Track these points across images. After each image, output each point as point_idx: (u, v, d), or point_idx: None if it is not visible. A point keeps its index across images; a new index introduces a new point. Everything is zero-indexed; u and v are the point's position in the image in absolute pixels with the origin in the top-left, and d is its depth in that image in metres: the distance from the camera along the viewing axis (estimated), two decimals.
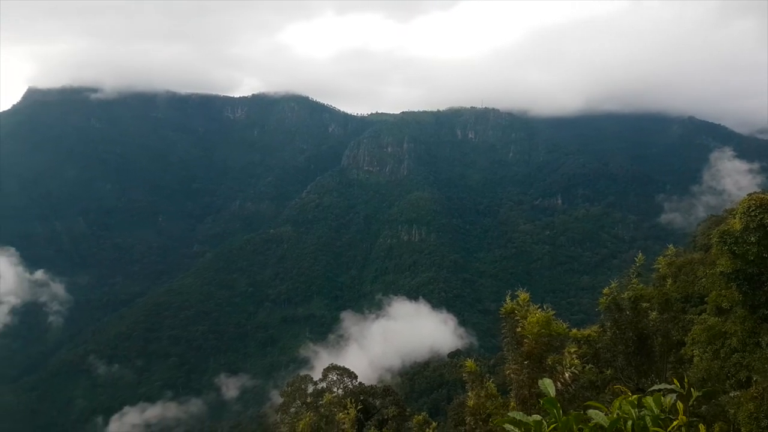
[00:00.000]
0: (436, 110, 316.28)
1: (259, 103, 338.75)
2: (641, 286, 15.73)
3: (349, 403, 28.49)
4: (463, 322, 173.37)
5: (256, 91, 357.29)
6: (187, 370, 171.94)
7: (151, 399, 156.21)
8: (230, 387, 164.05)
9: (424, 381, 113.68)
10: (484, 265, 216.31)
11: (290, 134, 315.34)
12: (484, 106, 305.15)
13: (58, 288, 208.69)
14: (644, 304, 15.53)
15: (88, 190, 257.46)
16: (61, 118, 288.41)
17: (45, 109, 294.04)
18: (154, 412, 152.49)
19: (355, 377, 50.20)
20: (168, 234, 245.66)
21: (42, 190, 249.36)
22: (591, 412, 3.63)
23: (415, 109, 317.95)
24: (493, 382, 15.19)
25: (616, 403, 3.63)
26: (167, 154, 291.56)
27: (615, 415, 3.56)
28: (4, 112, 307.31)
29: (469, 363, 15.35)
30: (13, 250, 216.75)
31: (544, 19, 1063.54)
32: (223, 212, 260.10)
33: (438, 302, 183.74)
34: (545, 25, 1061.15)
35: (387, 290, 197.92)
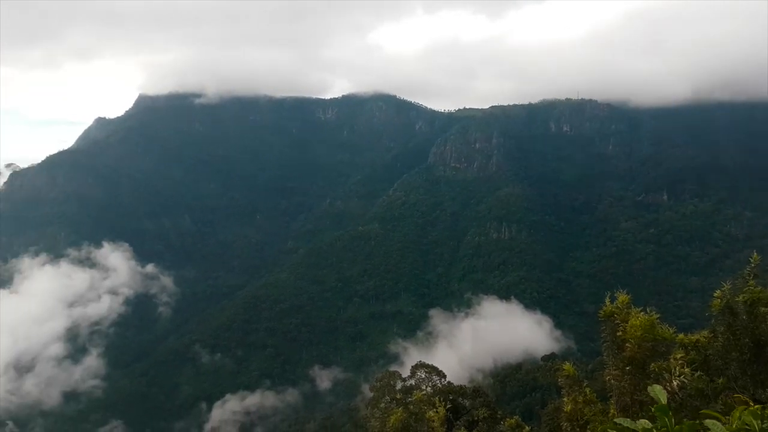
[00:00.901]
0: (527, 103, 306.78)
1: (349, 103, 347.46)
2: (759, 288, 14.05)
3: (438, 402, 27.99)
4: (558, 324, 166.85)
5: (346, 92, 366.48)
6: (282, 361, 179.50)
7: (250, 387, 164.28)
8: (323, 379, 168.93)
9: (516, 384, 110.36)
10: (581, 265, 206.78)
11: (378, 133, 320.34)
12: (580, 98, 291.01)
13: (167, 281, 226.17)
14: (762, 309, 13.90)
15: (193, 189, 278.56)
16: (168, 122, 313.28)
17: (154, 114, 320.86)
18: (253, 400, 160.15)
19: (444, 376, 49.57)
20: (265, 231, 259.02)
21: (152, 189, 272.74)
22: (708, 422, 3.36)
23: (505, 103, 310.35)
24: (590, 387, 14.29)
25: (736, 414, 3.37)
26: (264, 155, 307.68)
27: (735, 426, 3.29)
28: (117, 117, 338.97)
29: (567, 366, 14.60)
30: (126, 245, 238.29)
31: (644, 1, 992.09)
32: (315, 210, 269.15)
33: (531, 303, 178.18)
34: (646, 6, 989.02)
35: (476, 289, 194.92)
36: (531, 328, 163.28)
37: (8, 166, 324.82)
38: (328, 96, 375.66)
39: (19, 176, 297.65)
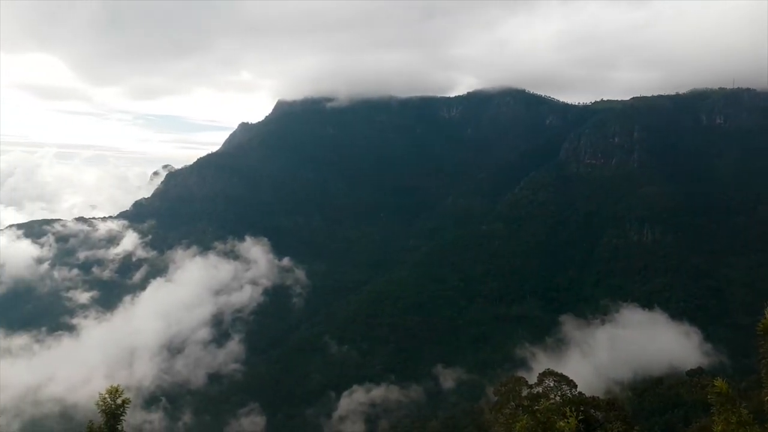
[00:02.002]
0: (674, 93, 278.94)
1: (474, 100, 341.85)
2: None
3: (569, 412, 24.92)
4: (708, 337, 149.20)
5: (471, 90, 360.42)
6: (404, 357, 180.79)
7: (375, 380, 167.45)
8: (446, 378, 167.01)
9: (656, 399, 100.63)
10: (735, 272, 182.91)
11: (504, 129, 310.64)
12: (736, 86, 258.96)
13: (300, 274, 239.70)
14: None
15: (323, 189, 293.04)
16: (302, 126, 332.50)
17: (290, 118, 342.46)
18: (378, 392, 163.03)
19: (575, 386, 45.49)
20: (388, 229, 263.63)
21: (287, 189, 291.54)
22: None
23: (648, 94, 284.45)
24: (745, 407, 13.33)
25: None
26: (388, 155, 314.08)
27: None
28: (258, 122, 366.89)
29: (719, 383, 13.56)
30: (265, 240, 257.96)
31: None
32: (437, 209, 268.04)
33: (677, 312, 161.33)
34: None
35: (613, 295, 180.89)
36: (676, 340, 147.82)
37: (165, 167, 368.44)
38: (453, 94, 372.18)
39: (173, 176, 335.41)
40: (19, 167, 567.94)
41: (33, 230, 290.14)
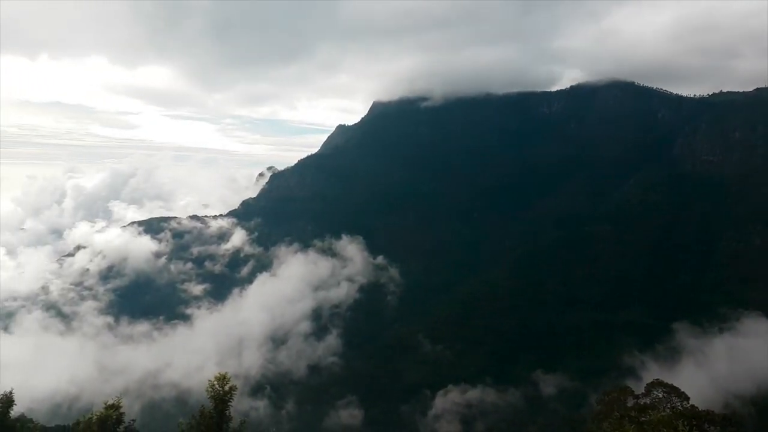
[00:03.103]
0: None
1: (578, 94, 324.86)
2: None
3: (681, 426, 23.25)
4: None
5: (575, 83, 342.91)
6: (500, 360, 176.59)
7: (469, 381, 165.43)
8: (546, 384, 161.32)
9: None
10: None
11: (610, 124, 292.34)
12: None
13: (394, 272, 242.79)
14: None
15: (416, 188, 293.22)
16: (397, 126, 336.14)
17: (385, 119, 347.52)
18: (474, 394, 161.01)
19: (686, 398, 43.01)
20: (481, 229, 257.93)
21: (382, 189, 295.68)
22: None
23: None
24: None
25: None
26: (484, 153, 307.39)
27: None
28: (355, 124, 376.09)
29: None
30: (360, 238, 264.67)
31: None
32: (535, 209, 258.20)
33: None
34: None
35: (732, 302, 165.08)
36: None
37: (269, 168, 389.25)
38: (555, 88, 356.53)
39: (276, 177, 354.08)
40: (140, 169, 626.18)
41: (152, 227, 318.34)
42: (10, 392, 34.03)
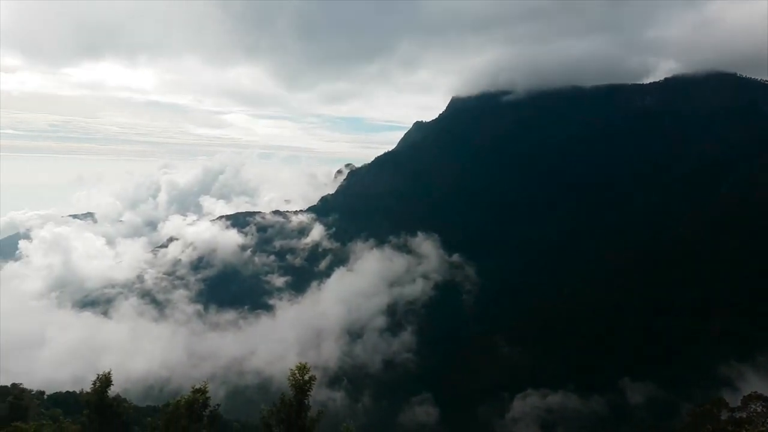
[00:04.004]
0: None
1: (673, 86, 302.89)
2: None
3: None
4: None
5: (670, 75, 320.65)
6: (583, 366, 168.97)
7: (550, 386, 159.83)
8: (635, 392, 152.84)
9: None
10: None
11: (709, 118, 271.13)
12: None
13: (470, 271, 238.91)
14: None
15: (495, 185, 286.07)
16: (476, 122, 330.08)
17: (464, 115, 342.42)
18: (555, 399, 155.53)
19: None
20: (565, 228, 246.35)
21: (459, 185, 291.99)
22: None
23: None
24: None
25: None
26: (568, 148, 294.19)
27: None
28: (432, 120, 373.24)
29: None
30: (436, 236, 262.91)
31: None
32: (624, 208, 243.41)
33: None
34: None
35: None
36: None
37: (347, 165, 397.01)
38: (648, 80, 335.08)
39: (354, 174, 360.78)
40: (228, 165, 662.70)
41: (238, 221, 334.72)
42: (109, 373, 36.26)
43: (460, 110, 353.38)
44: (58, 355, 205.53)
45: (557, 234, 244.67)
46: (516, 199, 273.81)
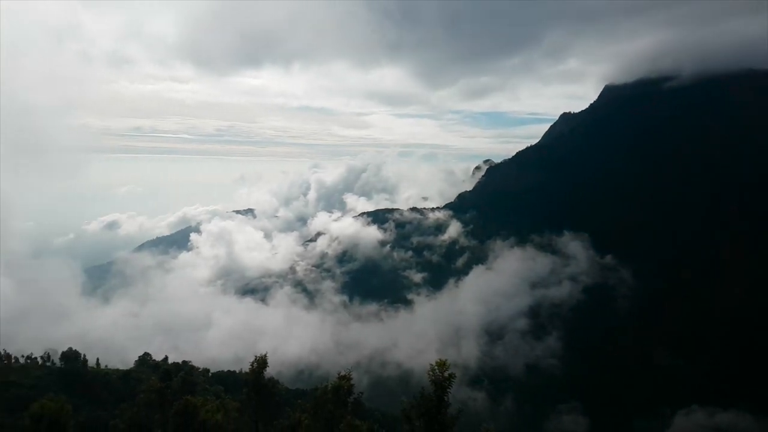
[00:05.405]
0: None
1: None
2: None
3: None
4: None
5: None
6: (755, 383, 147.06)
7: (721, 403, 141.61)
8: None
9: None
10: None
11: None
12: None
13: (626, 274, 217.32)
14: None
15: (653, 181, 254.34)
16: (632, 111, 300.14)
17: (618, 104, 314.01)
18: (724, 417, 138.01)
19: None
20: (733, 231, 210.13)
21: (612, 181, 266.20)
22: None
23: None
24: None
25: None
26: (741, 141, 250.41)
27: None
28: (581, 111, 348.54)
29: None
30: (586, 235, 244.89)
31: None
32: None
33: None
34: None
35: None
36: None
37: (486, 162, 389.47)
38: None
39: (493, 170, 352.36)
40: (370, 164, 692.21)
41: (378, 217, 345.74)
42: (265, 355, 38.24)
43: (613, 99, 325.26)
44: (222, 337, 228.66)
45: (724, 234, 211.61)
46: (679, 197, 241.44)
